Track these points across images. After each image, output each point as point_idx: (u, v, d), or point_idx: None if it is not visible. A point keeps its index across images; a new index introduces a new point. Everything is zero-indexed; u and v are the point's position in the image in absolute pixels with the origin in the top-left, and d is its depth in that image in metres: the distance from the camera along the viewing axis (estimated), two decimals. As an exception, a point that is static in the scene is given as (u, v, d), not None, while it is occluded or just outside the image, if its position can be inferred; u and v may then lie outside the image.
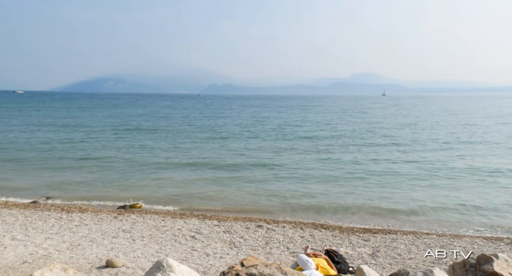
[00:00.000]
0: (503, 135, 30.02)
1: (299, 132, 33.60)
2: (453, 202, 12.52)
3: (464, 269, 5.61)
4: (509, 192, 13.56)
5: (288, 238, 9.23)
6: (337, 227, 10.20)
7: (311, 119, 50.06)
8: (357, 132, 33.47)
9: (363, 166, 18.43)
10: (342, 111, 71.37)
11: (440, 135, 30.09)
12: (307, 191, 14.07)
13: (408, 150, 22.89)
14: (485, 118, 48.03)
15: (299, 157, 21.02)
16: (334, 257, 6.75)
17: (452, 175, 16.24)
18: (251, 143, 26.57)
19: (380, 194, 13.53)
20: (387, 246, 8.66)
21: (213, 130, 34.52)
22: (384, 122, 43.17)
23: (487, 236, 9.65)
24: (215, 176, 16.48)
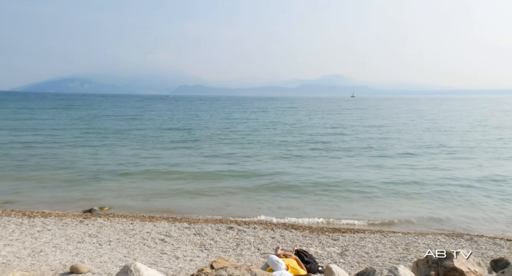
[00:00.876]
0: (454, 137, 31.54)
1: (270, 135, 33.79)
2: (418, 200, 13.00)
3: (427, 265, 5.84)
4: (466, 190, 14.23)
5: (259, 239, 9.25)
6: (307, 227, 10.33)
7: (283, 121, 50.51)
8: (333, 135, 34.07)
9: (337, 172, 18.80)
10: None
11: (413, 138, 31.21)
12: (279, 193, 14.17)
13: (379, 154, 23.55)
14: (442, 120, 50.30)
15: (272, 160, 21.15)
16: (304, 257, 6.82)
17: (418, 176, 16.86)
18: (223, 146, 26.47)
19: (351, 195, 13.84)
20: (356, 245, 8.85)
21: (184, 133, 34.07)
22: (359, 124, 44.25)
23: (449, 233, 10.08)
24: (187, 179, 16.27)
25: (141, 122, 44.31)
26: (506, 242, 9.23)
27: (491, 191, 14.19)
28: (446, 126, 41.36)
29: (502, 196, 13.45)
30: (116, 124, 41.43)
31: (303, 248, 8.04)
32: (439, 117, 57.52)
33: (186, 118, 51.95)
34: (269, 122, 47.71)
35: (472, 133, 34.37)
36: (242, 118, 54.03)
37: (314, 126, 41.42)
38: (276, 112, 72.30)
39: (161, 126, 39.20)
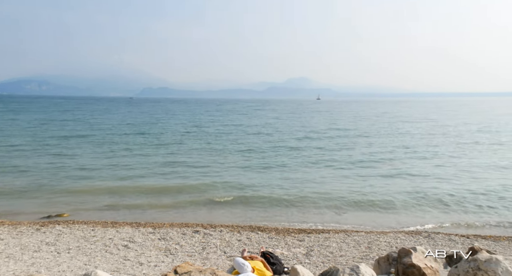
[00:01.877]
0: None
1: (231, 137, 33.72)
2: (381, 200, 13.44)
3: (388, 262, 6.05)
4: (422, 188, 14.89)
5: (225, 242, 9.20)
6: (273, 228, 10.40)
7: (249, 123, 50.62)
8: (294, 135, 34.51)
9: (297, 172, 19.06)
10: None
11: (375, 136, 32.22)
12: (246, 194, 14.18)
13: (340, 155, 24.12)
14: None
15: (240, 162, 21.13)
16: (270, 259, 6.84)
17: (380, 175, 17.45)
18: (185, 148, 26.17)
19: (314, 196, 14.07)
20: (320, 245, 9.02)
21: (146, 136, 33.22)
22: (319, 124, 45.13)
23: (408, 231, 10.50)
24: (149, 183, 15.91)
25: (120, 126, 42.81)
26: (460, 238, 9.75)
27: (449, 190, 14.91)
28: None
29: (457, 193, 14.19)
30: (74, 128, 39.75)
31: (269, 250, 8.07)
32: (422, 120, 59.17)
33: (147, 122, 50.39)
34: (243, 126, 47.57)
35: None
36: (210, 122, 53.57)
37: (291, 131, 41.83)
38: (248, 116, 72.29)
39: (118, 132, 37.43)
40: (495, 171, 18.31)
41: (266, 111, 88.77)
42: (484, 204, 12.91)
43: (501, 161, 20.88)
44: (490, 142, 29.47)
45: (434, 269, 5.24)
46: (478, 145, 27.57)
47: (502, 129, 39.79)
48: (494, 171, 18.30)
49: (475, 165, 19.78)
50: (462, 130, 39.11)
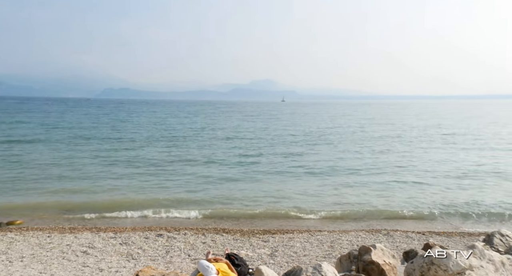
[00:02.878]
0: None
1: (192, 139, 33.43)
2: (342, 200, 13.82)
3: (349, 260, 6.23)
4: (380, 186, 15.49)
5: (189, 245, 9.09)
6: (238, 230, 10.40)
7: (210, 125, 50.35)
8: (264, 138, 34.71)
9: (265, 173, 19.20)
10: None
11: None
12: (211, 196, 14.08)
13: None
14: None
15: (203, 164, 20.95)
16: (235, 260, 6.84)
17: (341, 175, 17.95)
18: (145, 150, 25.62)
19: (276, 198, 14.24)
20: (285, 245, 9.13)
21: (102, 138, 32.12)
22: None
23: (369, 229, 10.86)
24: (110, 185, 15.44)
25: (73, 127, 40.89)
26: (417, 235, 10.22)
27: (409, 189, 15.59)
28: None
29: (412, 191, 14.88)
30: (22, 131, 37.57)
31: (234, 252, 8.07)
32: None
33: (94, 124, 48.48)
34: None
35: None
36: (173, 124, 52.71)
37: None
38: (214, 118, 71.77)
39: (77, 133, 35.83)
40: (446, 166, 19.37)
41: (232, 113, 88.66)
42: (438, 201, 13.60)
43: (452, 159, 22.12)
44: (440, 141, 31.10)
45: (392, 265, 5.47)
46: (431, 144, 29.04)
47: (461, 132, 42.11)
48: (445, 167, 19.36)
49: (429, 163, 20.81)
50: (423, 131, 41.02)
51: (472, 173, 18.25)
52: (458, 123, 54.98)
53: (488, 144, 29.77)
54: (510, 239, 6.45)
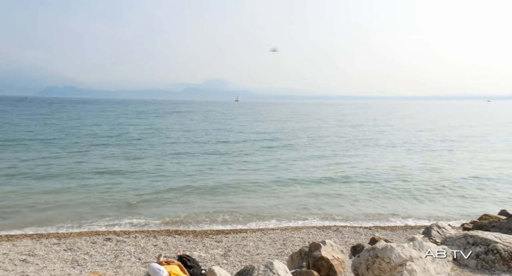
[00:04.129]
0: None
1: (142, 142, 32.58)
2: (291, 200, 14.12)
3: (301, 257, 6.38)
4: (327, 184, 16.07)
5: (140, 248, 8.81)
6: (191, 231, 10.26)
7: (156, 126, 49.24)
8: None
9: (214, 175, 19.11)
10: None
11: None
12: (161, 198, 13.76)
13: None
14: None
15: (151, 165, 20.41)
16: (187, 262, 6.74)
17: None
18: (92, 152, 24.50)
19: (229, 199, 14.25)
20: (238, 245, 9.15)
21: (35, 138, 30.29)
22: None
23: (320, 226, 11.20)
24: (52, 187, 14.57)
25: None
26: (364, 229, 10.70)
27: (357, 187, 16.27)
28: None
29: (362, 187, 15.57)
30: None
31: (186, 253, 7.95)
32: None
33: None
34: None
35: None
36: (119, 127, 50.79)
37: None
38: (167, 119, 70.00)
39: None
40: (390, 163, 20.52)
41: (185, 113, 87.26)
42: (383, 197, 14.35)
43: (393, 157, 23.46)
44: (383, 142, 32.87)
45: (340, 260, 5.68)
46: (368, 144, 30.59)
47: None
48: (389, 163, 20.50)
49: (371, 161, 21.91)
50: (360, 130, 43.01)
51: (407, 172, 19.46)
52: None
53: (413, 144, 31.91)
54: (446, 230, 6.96)
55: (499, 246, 5.28)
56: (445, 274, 4.90)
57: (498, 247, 5.25)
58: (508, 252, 5.18)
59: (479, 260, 5.25)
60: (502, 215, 9.70)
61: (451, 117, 77.43)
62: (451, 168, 20.07)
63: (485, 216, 9.58)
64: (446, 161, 22.61)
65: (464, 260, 5.36)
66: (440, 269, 4.92)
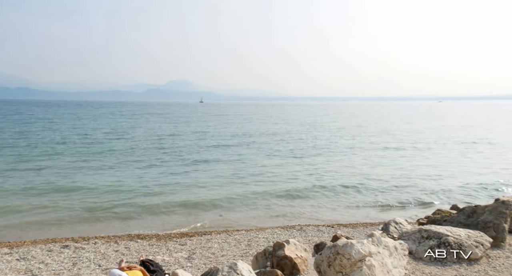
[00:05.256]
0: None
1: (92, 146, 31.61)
2: (257, 201, 14.22)
3: (265, 257, 6.44)
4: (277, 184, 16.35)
5: (100, 254, 8.51)
6: (154, 235, 10.05)
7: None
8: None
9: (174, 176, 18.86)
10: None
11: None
12: (123, 203, 13.38)
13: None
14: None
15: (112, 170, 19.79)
16: (150, 267, 6.59)
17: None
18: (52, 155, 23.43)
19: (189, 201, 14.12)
20: (203, 247, 9.07)
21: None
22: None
23: (284, 225, 11.34)
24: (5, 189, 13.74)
25: None
26: (327, 228, 10.96)
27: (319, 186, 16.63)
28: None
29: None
30: None
31: (149, 258, 7.77)
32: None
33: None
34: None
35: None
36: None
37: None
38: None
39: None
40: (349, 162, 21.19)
41: (150, 116, 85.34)
42: (345, 196, 14.79)
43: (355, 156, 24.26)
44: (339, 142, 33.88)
45: (303, 258, 5.79)
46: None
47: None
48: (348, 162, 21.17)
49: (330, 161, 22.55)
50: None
51: (364, 170, 20.21)
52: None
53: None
54: (402, 226, 7.29)
55: (450, 239, 5.61)
56: (401, 267, 5.14)
57: (449, 240, 5.58)
58: (457, 244, 5.51)
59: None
60: (453, 209, 10.29)
61: (408, 116, 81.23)
62: (404, 166, 21.02)
63: (438, 211, 10.12)
64: (398, 158, 23.67)
65: (419, 254, 5.65)
66: (397, 263, 5.16)
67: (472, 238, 5.71)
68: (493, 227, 6.21)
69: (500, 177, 17.98)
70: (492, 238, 5.97)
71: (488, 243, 5.73)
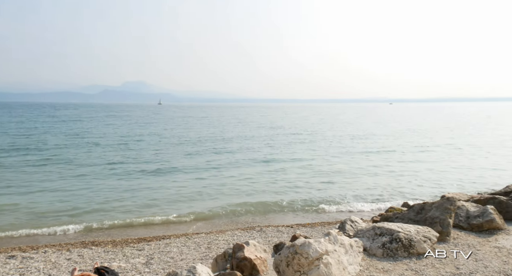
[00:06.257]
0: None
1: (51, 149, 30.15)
2: (221, 202, 14.16)
3: (225, 259, 6.42)
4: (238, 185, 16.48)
5: (51, 263, 8.07)
6: (109, 241, 9.69)
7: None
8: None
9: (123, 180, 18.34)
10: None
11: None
12: (73, 208, 12.78)
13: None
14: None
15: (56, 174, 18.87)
16: (105, 274, 6.35)
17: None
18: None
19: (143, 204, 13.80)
20: (161, 252, 8.88)
21: None
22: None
23: (244, 227, 11.38)
24: None
25: None
26: (286, 228, 11.12)
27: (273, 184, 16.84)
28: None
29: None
30: None
31: (104, 265, 7.48)
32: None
33: None
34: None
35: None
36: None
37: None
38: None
39: None
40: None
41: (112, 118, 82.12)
42: (303, 195, 15.09)
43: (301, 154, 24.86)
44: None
45: (263, 259, 5.84)
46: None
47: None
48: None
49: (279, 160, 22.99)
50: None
51: (324, 170, 20.79)
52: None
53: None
54: (358, 224, 7.56)
55: (401, 235, 5.90)
56: (356, 264, 5.33)
57: (400, 236, 5.87)
58: (408, 240, 5.81)
59: (385, 249, 5.80)
60: (404, 206, 10.84)
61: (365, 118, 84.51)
62: (363, 167, 21.84)
63: (390, 208, 10.60)
64: (361, 161, 24.57)
65: (373, 250, 5.89)
66: (352, 260, 5.34)
67: (420, 233, 6.05)
68: (439, 223, 6.61)
69: (450, 175, 19.17)
70: (439, 233, 6.35)
71: (435, 237, 6.10)
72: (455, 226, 7.15)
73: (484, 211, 7.18)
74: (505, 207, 7.88)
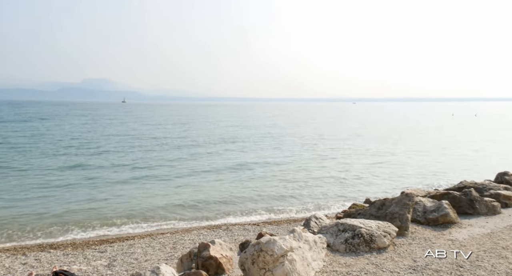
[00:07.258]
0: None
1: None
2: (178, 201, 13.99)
3: (190, 259, 6.35)
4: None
5: (4, 269, 7.64)
6: (69, 244, 9.31)
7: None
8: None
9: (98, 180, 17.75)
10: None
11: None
12: (29, 210, 12.19)
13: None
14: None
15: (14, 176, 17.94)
16: (65, 278, 6.12)
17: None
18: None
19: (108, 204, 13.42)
20: (124, 253, 8.65)
21: None
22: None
23: (210, 226, 11.31)
24: None
25: None
26: (252, 226, 11.16)
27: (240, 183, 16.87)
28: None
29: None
30: None
31: (63, 268, 7.19)
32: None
33: None
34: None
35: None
36: None
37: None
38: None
39: None
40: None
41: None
42: (268, 194, 15.23)
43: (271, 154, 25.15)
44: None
45: (228, 258, 5.84)
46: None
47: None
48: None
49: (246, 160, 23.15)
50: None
51: (284, 168, 21.11)
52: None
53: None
54: (322, 221, 7.74)
55: (362, 230, 6.09)
56: (320, 260, 5.45)
57: (362, 231, 6.07)
58: (369, 235, 6.02)
59: (347, 244, 5.98)
60: (366, 203, 11.20)
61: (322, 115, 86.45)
62: (329, 165, 22.35)
63: (353, 205, 10.93)
64: (318, 154, 25.12)
65: (336, 246, 6.05)
66: (316, 256, 5.46)
67: (381, 228, 6.28)
68: (398, 218, 6.90)
69: (410, 171, 20.03)
70: (398, 228, 6.63)
71: (395, 232, 6.36)
72: (413, 221, 7.49)
73: (440, 206, 7.57)
74: (458, 201, 8.35)
